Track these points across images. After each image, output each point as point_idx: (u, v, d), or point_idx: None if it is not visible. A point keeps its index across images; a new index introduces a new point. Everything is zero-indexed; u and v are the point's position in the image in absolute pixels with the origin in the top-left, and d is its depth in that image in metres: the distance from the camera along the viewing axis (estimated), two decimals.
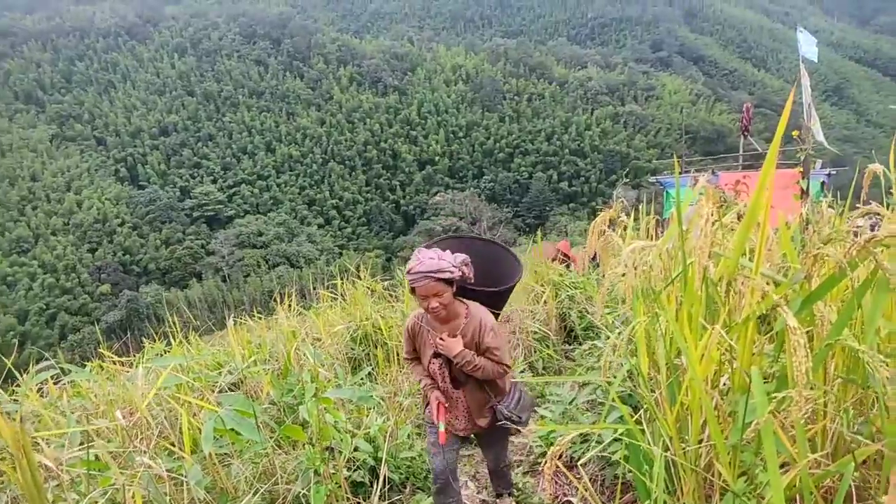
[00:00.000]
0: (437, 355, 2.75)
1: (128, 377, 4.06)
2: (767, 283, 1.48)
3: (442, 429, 2.82)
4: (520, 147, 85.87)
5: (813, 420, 1.60)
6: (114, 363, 4.62)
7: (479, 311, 2.72)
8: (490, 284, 2.82)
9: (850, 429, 1.56)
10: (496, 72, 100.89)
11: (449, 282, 2.52)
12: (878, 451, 1.45)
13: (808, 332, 1.74)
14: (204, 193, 73.56)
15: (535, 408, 3.93)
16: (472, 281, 2.64)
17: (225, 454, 3.58)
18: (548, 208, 74.75)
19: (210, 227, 71.03)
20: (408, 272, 2.55)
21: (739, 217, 2.01)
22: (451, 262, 2.53)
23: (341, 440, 3.50)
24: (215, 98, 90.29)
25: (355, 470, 3.64)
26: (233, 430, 2.98)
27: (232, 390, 5.25)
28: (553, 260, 7.33)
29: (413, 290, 2.58)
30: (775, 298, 1.33)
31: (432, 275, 2.47)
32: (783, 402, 1.38)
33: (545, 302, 6.34)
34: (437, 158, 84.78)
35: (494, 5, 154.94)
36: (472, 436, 3.05)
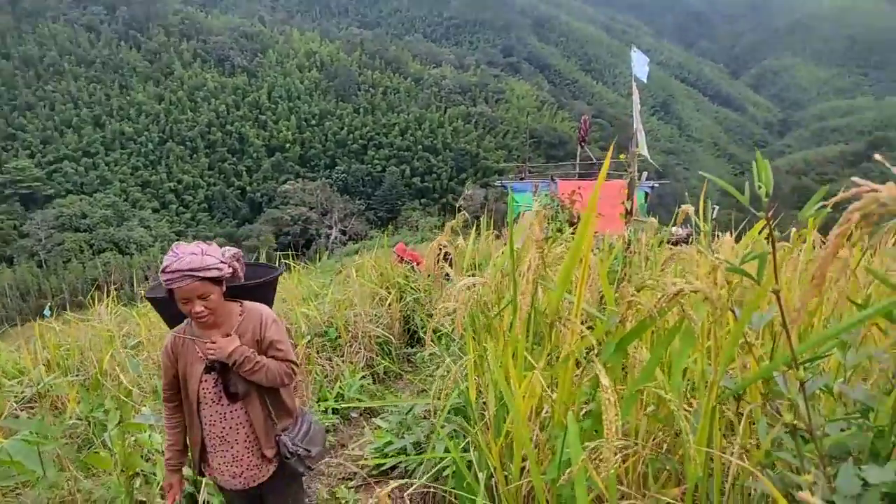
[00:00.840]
0: (209, 369, 2.22)
1: None
2: (586, 324, 1.50)
3: None
4: (374, 140, 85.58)
5: (625, 455, 1.67)
6: None
7: (257, 306, 2.33)
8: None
9: (656, 464, 1.64)
10: (351, 62, 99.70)
11: (217, 280, 2.10)
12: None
13: (623, 367, 1.81)
14: (18, 169, 65.33)
15: (327, 443, 3.46)
16: (241, 279, 2.28)
17: (13, 487, 3.16)
18: (400, 202, 75.17)
19: (25, 207, 63.31)
20: (162, 271, 2.05)
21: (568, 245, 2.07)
22: (218, 257, 2.12)
23: (154, 465, 3.21)
24: (36, 64, 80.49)
25: None
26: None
27: (33, 403, 4.72)
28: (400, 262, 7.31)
29: (171, 294, 2.08)
30: (593, 342, 1.35)
31: (195, 273, 2.02)
32: (597, 447, 1.41)
33: (389, 305, 6.30)
34: (287, 145, 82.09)
35: None
36: (257, 487, 2.38)
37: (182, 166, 75.54)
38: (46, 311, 6.19)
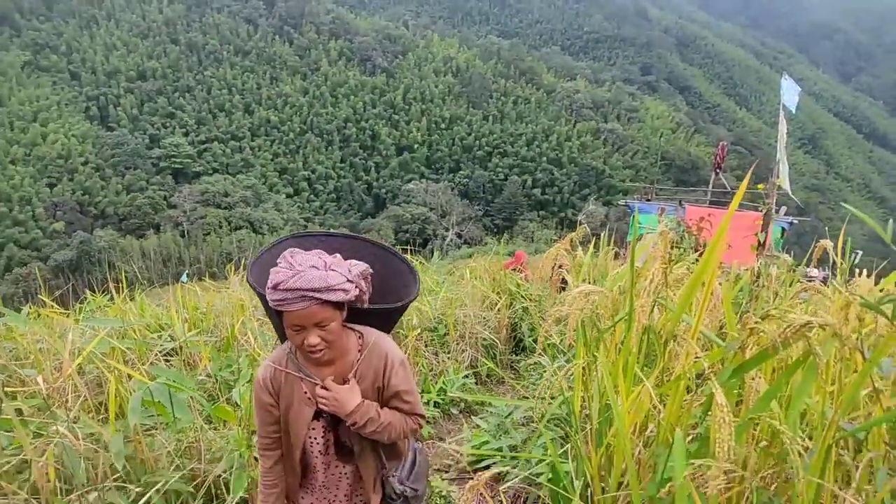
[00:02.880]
0: (318, 415, 1.78)
1: (63, 329, 3.94)
2: (703, 346, 1.50)
3: None
4: (499, 147, 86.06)
5: (730, 484, 1.64)
6: (53, 310, 4.49)
7: (382, 341, 1.81)
8: (381, 301, 1.86)
9: (762, 498, 1.60)
10: (486, 69, 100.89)
11: (340, 305, 1.62)
12: None
13: (738, 394, 1.78)
14: (174, 145, 71.86)
15: (430, 474, 2.97)
16: (366, 303, 1.74)
17: (150, 426, 3.51)
18: (518, 212, 75.10)
19: (175, 180, 69.47)
20: (273, 287, 1.56)
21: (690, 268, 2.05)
22: (345, 275, 1.60)
23: None
24: (199, 50, 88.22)
25: None
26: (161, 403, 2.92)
27: (170, 356, 5.16)
28: (514, 269, 7.34)
29: (278, 315, 1.61)
30: (706, 366, 1.35)
31: (316, 294, 1.54)
32: (702, 467, 1.41)
33: (499, 310, 6.37)
34: (416, 146, 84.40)
35: (494, 3, 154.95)
36: None
37: (317, 157, 79.75)
38: (184, 278, 6.78)
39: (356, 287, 1.63)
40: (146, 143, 72.42)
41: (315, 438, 1.81)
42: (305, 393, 1.76)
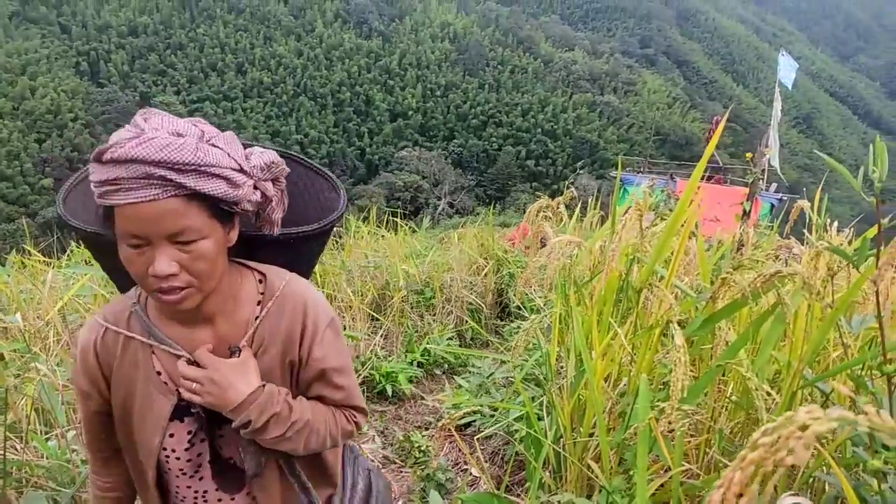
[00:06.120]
0: (182, 412, 1.06)
1: (45, 279, 3.92)
2: (677, 297, 1.52)
3: None
4: (494, 117, 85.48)
5: (698, 432, 1.68)
6: (38, 259, 4.48)
7: (298, 286, 1.10)
8: (295, 222, 1.14)
9: (727, 445, 1.64)
10: (484, 37, 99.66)
11: (220, 211, 0.93)
12: None
13: (711, 349, 1.81)
14: (165, 103, 70.67)
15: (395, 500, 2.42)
16: (279, 214, 1.06)
17: None
18: (510, 183, 74.78)
19: None
20: (97, 158, 0.95)
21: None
22: (235, 158, 0.92)
23: None
24: (192, 6, 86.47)
25: None
26: None
27: None
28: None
29: (108, 220, 0.90)
30: (674, 313, 1.38)
31: (174, 176, 0.86)
32: (665, 411, 1.44)
33: (485, 275, 6.40)
34: (410, 113, 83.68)
35: None
36: None
37: (310, 121, 78.89)
38: None
39: (253, 183, 0.95)
40: (136, 101, 71.20)
41: (174, 451, 1.07)
42: (160, 374, 1.05)
